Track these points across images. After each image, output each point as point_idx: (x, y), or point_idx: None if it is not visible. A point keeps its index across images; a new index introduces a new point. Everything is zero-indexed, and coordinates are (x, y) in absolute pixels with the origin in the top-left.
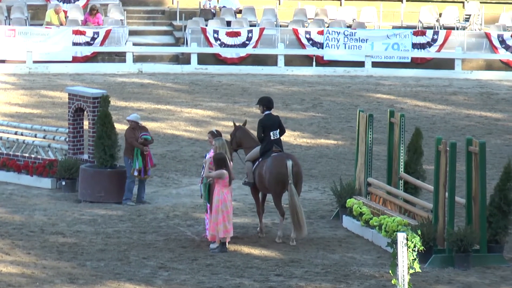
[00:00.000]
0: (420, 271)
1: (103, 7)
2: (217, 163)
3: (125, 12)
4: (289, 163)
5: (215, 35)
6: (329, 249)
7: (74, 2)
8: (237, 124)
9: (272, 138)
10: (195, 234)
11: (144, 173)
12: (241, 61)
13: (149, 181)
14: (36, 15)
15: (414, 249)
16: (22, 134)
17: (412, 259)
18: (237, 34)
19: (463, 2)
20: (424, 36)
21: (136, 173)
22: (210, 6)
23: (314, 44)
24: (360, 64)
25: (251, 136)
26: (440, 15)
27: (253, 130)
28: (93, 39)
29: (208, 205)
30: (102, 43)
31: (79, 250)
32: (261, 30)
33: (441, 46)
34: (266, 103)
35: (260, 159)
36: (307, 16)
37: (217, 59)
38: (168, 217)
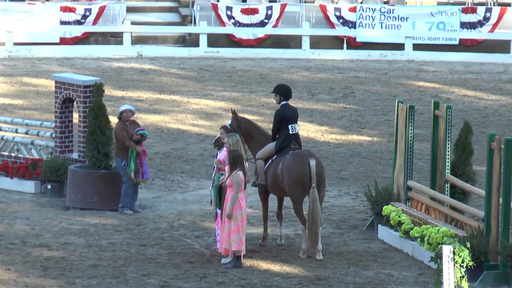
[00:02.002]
0: None
1: None
2: (232, 162)
3: None
4: (313, 162)
5: (228, 12)
6: (362, 264)
7: None
8: (238, 114)
9: (290, 132)
10: (204, 247)
11: (142, 175)
12: (259, 43)
13: (150, 184)
14: None
15: (462, 264)
16: (0, 129)
17: (460, 277)
18: (254, 11)
19: None
20: (474, 13)
21: (133, 176)
22: None
23: (345, 23)
24: (399, 46)
25: (260, 129)
26: None
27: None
28: (85, 17)
29: (219, 212)
30: (95, 22)
31: (68, 266)
32: (283, 6)
33: (495, 25)
34: (283, 91)
35: (275, 157)
36: None
37: (231, 41)
38: (172, 227)
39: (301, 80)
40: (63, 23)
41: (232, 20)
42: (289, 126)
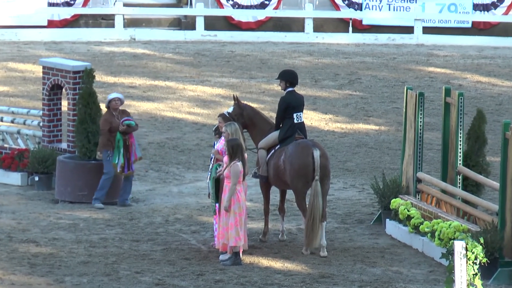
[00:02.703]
0: None
1: None
2: (231, 152)
3: None
4: (316, 153)
5: None
6: (369, 261)
7: None
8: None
9: (295, 121)
10: (201, 243)
11: (127, 168)
12: (259, 26)
13: (143, 176)
14: None
15: (475, 261)
16: None
17: (473, 274)
18: None
19: None
20: None
21: (119, 169)
22: None
23: (351, 4)
24: (409, 30)
25: (264, 117)
26: None
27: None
28: None
29: (217, 206)
30: (85, 4)
31: (56, 263)
32: None
33: (510, 7)
34: (289, 77)
35: (278, 147)
36: None
37: (229, 24)
38: (167, 221)
39: (304, 65)
40: (51, 4)
41: (231, 2)
42: (294, 115)
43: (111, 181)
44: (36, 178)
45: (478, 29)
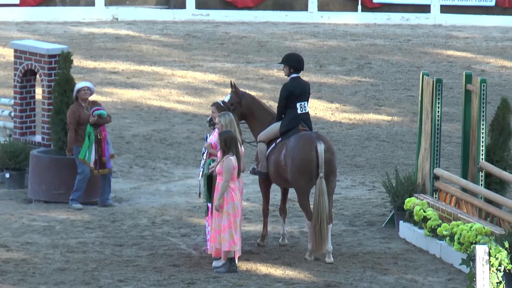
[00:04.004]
0: None
1: None
2: (224, 145)
3: None
4: (321, 146)
5: None
6: (380, 268)
7: None
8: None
9: (299, 111)
10: (192, 248)
11: (100, 166)
12: (257, 4)
13: (127, 173)
14: None
15: (499, 268)
16: None
17: (497, 282)
18: None
19: None
20: None
21: (92, 165)
22: None
23: None
24: (425, 8)
25: (265, 107)
26: None
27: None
28: None
29: (210, 206)
30: None
31: (30, 270)
32: None
33: None
34: (294, 62)
35: (279, 140)
36: None
37: (223, 2)
38: (154, 223)
39: (308, 48)
40: None
41: None
42: (298, 104)
43: (86, 181)
44: (7, 175)
45: (503, 7)
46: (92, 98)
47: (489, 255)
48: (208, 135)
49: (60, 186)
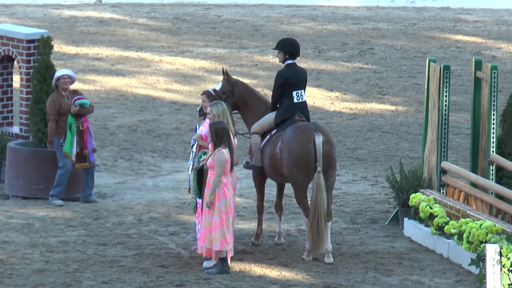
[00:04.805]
0: None
1: None
2: (215, 137)
3: None
4: (319, 138)
5: None
6: (384, 269)
7: None
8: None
9: (295, 100)
10: (181, 247)
11: (82, 159)
12: None
13: (111, 167)
14: None
15: (511, 268)
16: None
17: (508, 284)
18: None
19: None
20: None
21: (74, 158)
22: None
23: None
24: None
25: (259, 96)
26: None
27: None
28: None
29: (200, 202)
30: None
31: (7, 271)
32: None
33: None
34: (289, 48)
35: (274, 131)
36: None
37: None
38: (140, 221)
39: (305, 33)
40: None
41: None
42: (294, 93)
43: (68, 175)
44: None
45: None
46: (74, 86)
47: (500, 255)
48: (197, 126)
49: (40, 181)
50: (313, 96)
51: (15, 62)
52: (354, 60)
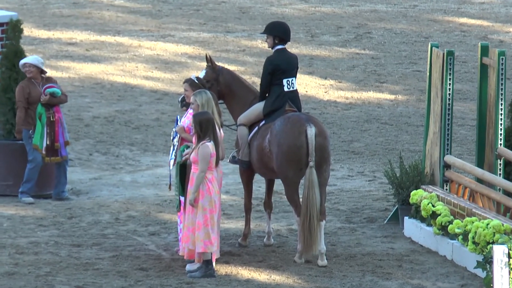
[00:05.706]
0: None
1: None
2: (199, 129)
3: None
4: (311, 130)
5: None
6: (382, 272)
7: None
8: (215, 62)
9: (286, 89)
10: (162, 248)
11: (53, 153)
12: None
13: (86, 161)
14: None
15: None
16: None
17: None
18: None
19: None
20: None
21: (44, 152)
22: None
23: None
24: None
25: (246, 84)
26: None
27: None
28: None
29: (182, 200)
30: None
31: None
32: None
33: None
34: (278, 32)
35: (263, 123)
36: None
37: None
38: (117, 219)
39: (297, 15)
40: None
41: None
42: (284, 81)
43: (38, 170)
44: None
45: None
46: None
47: (509, 256)
48: (179, 116)
49: (8, 177)
50: (305, 84)
51: None
52: (349, 45)
